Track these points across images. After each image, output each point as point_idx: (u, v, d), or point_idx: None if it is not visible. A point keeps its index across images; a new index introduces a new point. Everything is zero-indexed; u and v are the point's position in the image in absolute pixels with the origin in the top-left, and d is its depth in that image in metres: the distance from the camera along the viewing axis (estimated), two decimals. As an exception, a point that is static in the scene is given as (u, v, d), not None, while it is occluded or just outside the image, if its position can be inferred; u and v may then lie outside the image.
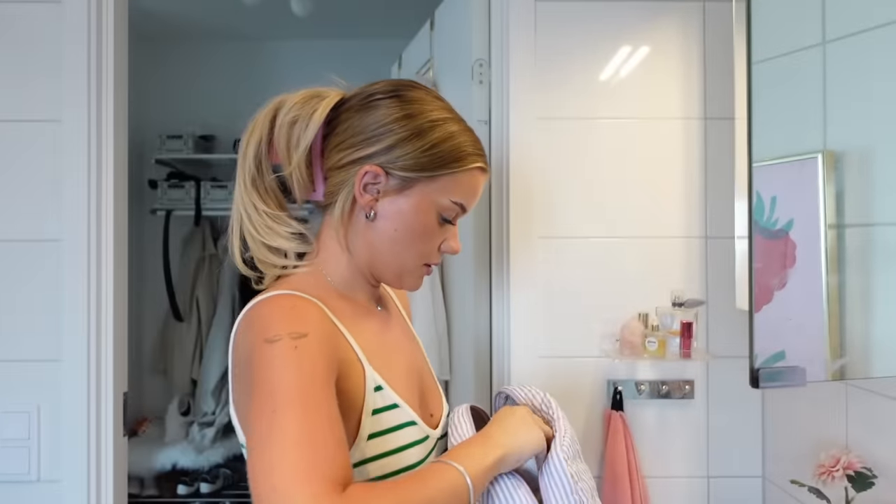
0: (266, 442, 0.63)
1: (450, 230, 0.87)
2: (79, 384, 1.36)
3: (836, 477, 1.09)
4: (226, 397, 3.06)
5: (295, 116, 0.83)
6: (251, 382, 0.69)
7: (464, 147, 0.83)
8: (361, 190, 0.82)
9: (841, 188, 0.86)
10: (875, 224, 0.88)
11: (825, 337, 0.87)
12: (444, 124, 0.83)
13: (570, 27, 1.43)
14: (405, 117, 0.81)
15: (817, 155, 0.87)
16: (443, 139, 0.82)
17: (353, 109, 0.84)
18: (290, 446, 0.62)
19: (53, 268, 1.37)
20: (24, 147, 1.38)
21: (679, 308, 1.33)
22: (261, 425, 0.65)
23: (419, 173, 0.81)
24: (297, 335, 0.70)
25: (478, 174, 0.86)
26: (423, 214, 0.83)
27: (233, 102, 3.32)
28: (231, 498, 2.95)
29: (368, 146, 0.81)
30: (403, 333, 0.97)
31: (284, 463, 0.62)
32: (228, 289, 3.15)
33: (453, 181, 0.83)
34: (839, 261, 0.86)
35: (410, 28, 2.16)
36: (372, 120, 0.82)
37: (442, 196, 0.83)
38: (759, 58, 0.79)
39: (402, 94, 0.83)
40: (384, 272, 0.87)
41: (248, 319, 0.77)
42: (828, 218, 0.86)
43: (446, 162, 0.82)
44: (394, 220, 0.83)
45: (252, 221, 0.84)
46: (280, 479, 0.61)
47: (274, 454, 0.62)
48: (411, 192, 0.82)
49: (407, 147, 0.81)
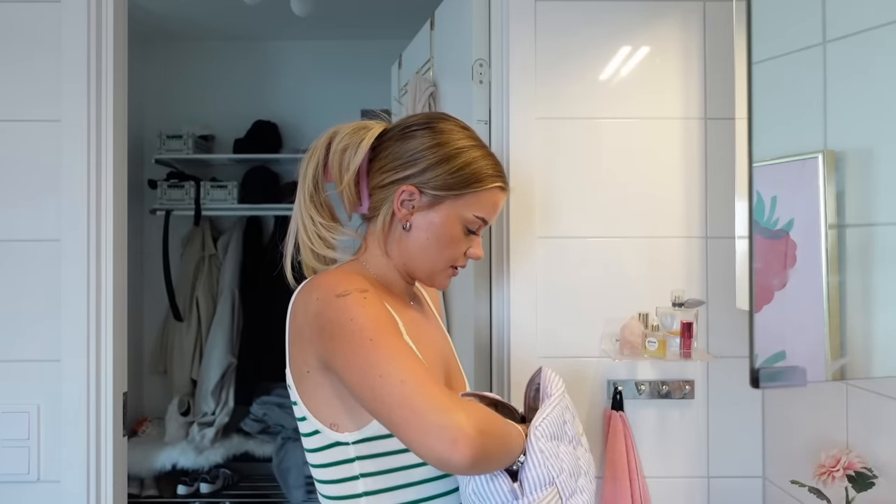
0: (381, 367, 0.78)
1: (474, 239, 1.02)
2: (79, 384, 1.36)
3: (837, 477, 1.09)
4: (225, 397, 3.06)
5: (346, 144, 0.98)
6: (331, 330, 0.84)
7: (485, 170, 0.98)
8: (399, 205, 0.98)
9: (841, 188, 0.86)
10: (875, 224, 0.88)
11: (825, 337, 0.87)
12: (468, 151, 0.98)
13: (570, 27, 1.43)
14: (436, 145, 0.97)
15: (818, 155, 0.87)
16: (467, 163, 0.97)
17: (393, 139, 1.00)
18: (407, 369, 0.77)
19: (53, 268, 1.37)
20: (24, 147, 1.38)
21: (679, 308, 1.33)
22: (363, 354, 0.80)
23: (447, 192, 0.97)
24: (362, 290, 0.87)
25: (497, 192, 1.00)
26: (451, 226, 0.98)
27: (233, 102, 3.32)
28: (231, 498, 2.95)
29: (406, 169, 0.97)
30: (435, 328, 1.09)
31: (412, 383, 0.76)
32: (228, 289, 3.15)
33: (476, 198, 0.98)
34: (839, 261, 0.86)
35: (410, 28, 2.16)
36: (409, 147, 0.98)
37: (466, 211, 0.98)
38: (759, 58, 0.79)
39: (433, 126, 0.99)
40: (418, 273, 1.02)
41: (309, 288, 0.90)
42: (828, 218, 0.86)
43: (470, 182, 0.97)
44: (426, 231, 0.98)
45: (307, 231, 0.99)
46: (422, 400, 0.75)
47: (399, 377, 0.77)
48: (440, 208, 0.97)
49: (437, 170, 0.96)
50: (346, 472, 0.91)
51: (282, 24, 3.06)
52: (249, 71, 3.35)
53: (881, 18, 0.84)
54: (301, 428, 0.94)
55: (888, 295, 0.86)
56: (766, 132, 0.81)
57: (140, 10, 2.89)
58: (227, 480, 2.98)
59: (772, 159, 0.84)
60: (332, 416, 0.90)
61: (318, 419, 0.91)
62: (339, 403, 0.89)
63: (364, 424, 0.88)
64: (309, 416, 0.91)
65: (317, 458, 0.93)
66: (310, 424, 0.92)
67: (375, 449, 0.90)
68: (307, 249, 0.99)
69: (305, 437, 0.94)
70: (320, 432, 0.91)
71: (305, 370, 0.90)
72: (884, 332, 0.88)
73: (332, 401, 0.89)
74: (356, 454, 0.90)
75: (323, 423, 0.90)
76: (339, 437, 0.90)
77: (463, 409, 0.75)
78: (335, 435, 0.90)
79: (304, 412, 0.92)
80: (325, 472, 0.92)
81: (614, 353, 1.37)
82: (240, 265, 3.21)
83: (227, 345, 3.07)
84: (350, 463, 0.90)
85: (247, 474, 3.10)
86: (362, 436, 0.89)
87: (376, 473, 0.90)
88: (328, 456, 0.91)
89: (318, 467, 0.93)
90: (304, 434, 0.94)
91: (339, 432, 0.90)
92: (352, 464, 0.90)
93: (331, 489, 0.93)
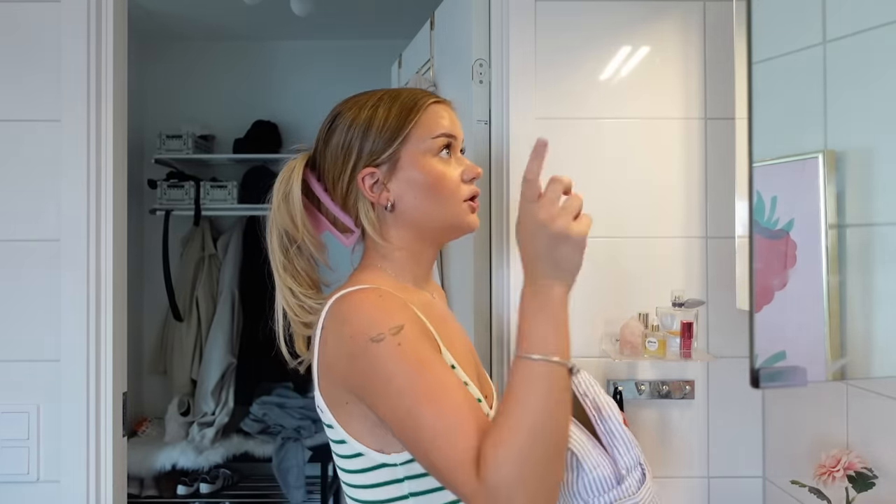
0: (422, 439, 0.74)
1: (459, 161, 0.95)
2: (78, 384, 1.36)
3: (837, 477, 1.09)
4: (225, 397, 3.06)
5: (283, 192, 0.93)
6: (370, 385, 0.79)
7: (407, 103, 0.93)
8: (371, 192, 0.92)
9: (841, 188, 0.86)
10: (875, 224, 0.88)
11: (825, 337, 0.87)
12: (380, 102, 0.93)
13: (570, 27, 1.43)
14: (352, 123, 0.93)
15: (818, 155, 0.87)
16: (388, 111, 0.92)
17: (320, 153, 0.96)
18: (442, 435, 0.73)
19: (53, 268, 1.37)
20: (24, 147, 1.38)
21: (679, 308, 1.33)
22: (402, 417, 0.76)
23: (394, 144, 0.91)
24: (396, 329, 0.79)
25: (433, 107, 0.94)
26: (425, 166, 0.91)
27: (233, 102, 3.32)
28: (230, 498, 2.95)
29: (347, 162, 0.92)
30: (451, 314, 1.05)
31: (445, 452, 0.73)
32: (228, 289, 3.15)
33: (420, 128, 0.92)
34: (839, 261, 0.86)
35: (410, 28, 2.16)
36: (335, 145, 0.94)
37: (422, 143, 0.92)
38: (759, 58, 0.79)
39: (338, 114, 0.95)
40: (441, 233, 0.96)
41: (339, 315, 0.84)
42: (828, 218, 0.86)
43: (402, 122, 0.92)
44: (411, 189, 0.92)
45: (290, 305, 0.93)
46: (454, 471, 0.71)
47: (435, 447, 0.73)
48: (402, 162, 0.91)
49: (370, 138, 0.91)
50: (395, 493, 0.85)
51: (282, 24, 3.06)
52: (249, 71, 3.35)
53: (881, 18, 0.84)
54: (338, 449, 0.88)
55: (888, 295, 0.86)
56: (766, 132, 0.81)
57: (140, 10, 2.88)
58: (226, 480, 2.98)
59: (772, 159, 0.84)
60: (377, 442, 0.84)
61: (361, 443, 0.85)
62: (386, 432, 0.82)
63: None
64: (350, 439, 0.85)
65: (359, 478, 0.87)
66: (350, 447, 0.86)
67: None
68: (296, 323, 0.94)
69: (344, 458, 0.88)
70: (363, 455, 0.85)
71: (343, 401, 0.85)
72: (884, 332, 0.88)
73: (376, 430, 0.84)
74: (406, 474, 0.84)
75: (368, 447, 0.84)
76: (385, 459, 0.84)
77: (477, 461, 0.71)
78: (382, 457, 0.84)
79: (342, 436, 0.86)
80: (368, 492, 0.87)
81: (614, 352, 1.37)
82: (240, 265, 3.21)
83: (227, 345, 3.07)
84: (399, 483, 0.85)
85: (247, 474, 3.10)
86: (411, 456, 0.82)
87: (427, 492, 0.85)
88: (374, 477, 0.86)
89: (359, 487, 0.87)
90: (343, 455, 0.87)
91: (387, 454, 0.84)
92: (401, 483, 0.85)
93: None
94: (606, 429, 0.91)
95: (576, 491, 0.88)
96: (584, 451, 0.92)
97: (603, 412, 0.93)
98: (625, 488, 0.90)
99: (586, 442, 0.94)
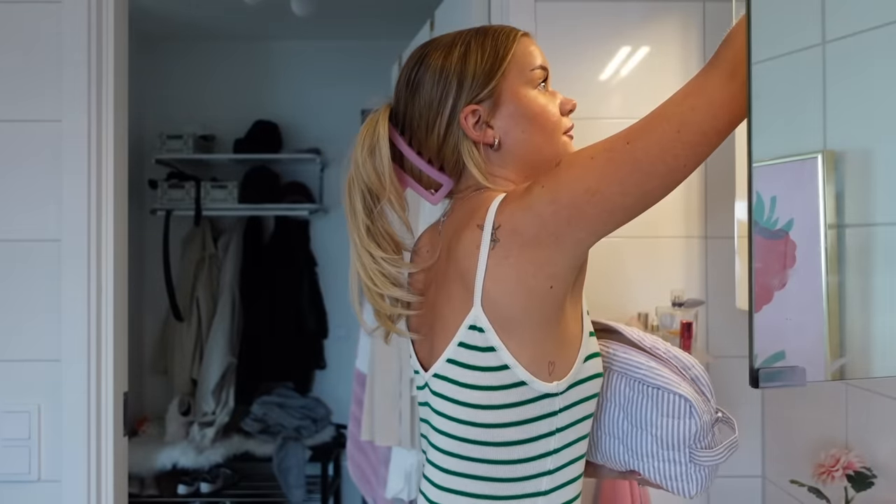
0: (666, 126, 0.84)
1: (556, 95, 0.93)
2: (79, 384, 1.36)
3: (836, 477, 1.09)
4: (225, 397, 3.06)
5: (369, 145, 0.88)
6: (575, 174, 0.83)
7: (499, 37, 0.90)
8: (474, 130, 0.88)
9: (841, 188, 0.86)
10: (875, 224, 0.88)
11: (825, 337, 0.87)
12: (469, 40, 0.90)
13: (570, 27, 1.43)
14: (443, 65, 0.89)
15: (817, 155, 0.87)
16: (481, 48, 0.89)
17: (405, 103, 0.91)
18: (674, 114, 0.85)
19: (53, 268, 1.37)
20: (25, 147, 1.38)
21: (679, 308, 1.33)
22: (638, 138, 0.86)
23: (495, 79, 0.88)
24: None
25: (523, 40, 0.92)
26: (527, 98, 0.89)
27: (233, 102, 3.32)
28: (231, 498, 2.96)
29: (444, 105, 0.88)
30: None
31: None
32: (228, 289, 3.15)
33: (517, 61, 0.89)
34: (839, 261, 0.86)
35: (410, 28, 2.16)
36: (427, 90, 0.89)
37: (521, 76, 0.89)
38: (758, 58, 0.79)
39: (422, 60, 0.91)
40: (546, 168, 0.90)
41: (515, 194, 0.83)
42: (828, 218, 0.86)
43: (499, 56, 0.89)
44: (516, 122, 0.89)
45: (368, 270, 0.87)
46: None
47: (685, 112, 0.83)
48: (504, 95, 0.88)
49: (468, 75, 0.88)
50: (546, 428, 0.82)
51: (282, 24, 3.06)
52: (249, 71, 3.35)
53: (881, 19, 0.84)
54: (485, 380, 0.81)
55: (888, 295, 0.86)
56: (765, 132, 0.81)
57: (140, 10, 2.89)
58: (227, 480, 2.98)
59: (771, 159, 0.84)
60: (541, 371, 0.80)
61: (528, 371, 0.80)
62: (563, 337, 0.82)
63: (572, 364, 0.83)
64: (516, 364, 0.80)
65: (507, 415, 0.81)
66: (511, 375, 0.80)
67: (578, 395, 0.84)
68: (373, 295, 0.88)
69: (492, 391, 0.81)
70: (526, 384, 0.80)
71: (548, 286, 0.80)
72: (884, 332, 0.88)
73: (539, 359, 0.80)
74: (562, 405, 0.82)
75: (534, 376, 0.80)
76: (548, 389, 0.80)
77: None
78: (544, 386, 0.80)
79: (505, 360, 0.80)
80: (514, 431, 0.81)
81: (614, 352, 1.37)
82: (240, 265, 3.21)
83: (228, 345, 3.07)
84: (552, 417, 0.82)
85: (247, 474, 3.10)
86: (574, 379, 0.82)
87: (568, 426, 0.84)
88: (529, 411, 0.81)
89: (502, 426, 0.81)
90: (495, 387, 0.81)
91: (550, 381, 0.80)
92: (553, 418, 0.82)
93: (515, 451, 0.82)
94: (694, 375, 0.89)
95: (676, 442, 0.84)
96: (693, 397, 0.86)
97: (685, 360, 0.90)
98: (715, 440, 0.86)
99: (688, 387, 0.88)
